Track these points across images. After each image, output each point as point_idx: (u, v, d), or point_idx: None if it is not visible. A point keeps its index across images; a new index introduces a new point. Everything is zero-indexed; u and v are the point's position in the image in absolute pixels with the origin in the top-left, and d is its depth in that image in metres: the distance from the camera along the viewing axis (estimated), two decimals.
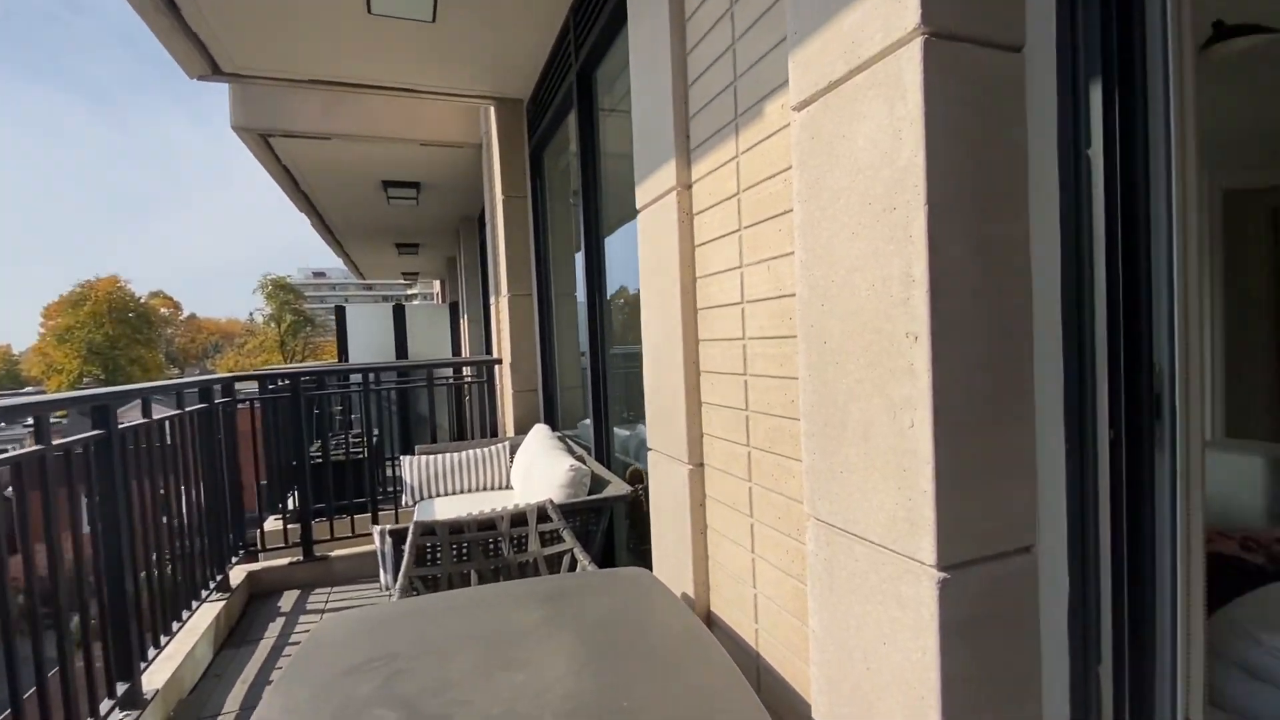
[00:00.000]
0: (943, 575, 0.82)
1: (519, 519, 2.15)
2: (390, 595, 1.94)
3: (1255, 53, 2.86)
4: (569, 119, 3.15)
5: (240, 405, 3.52)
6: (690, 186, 1.52)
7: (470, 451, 3.59)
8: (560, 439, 3.36)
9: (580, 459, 3.06)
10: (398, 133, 4.87)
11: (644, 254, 1.74)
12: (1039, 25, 0.86)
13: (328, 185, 6.10)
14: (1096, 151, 0.82)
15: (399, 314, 7.40)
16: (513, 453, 3.56)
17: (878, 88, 0.87)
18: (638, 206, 1.75)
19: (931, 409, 0.81)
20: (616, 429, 3.06)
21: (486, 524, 2.13)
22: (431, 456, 3.60)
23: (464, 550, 2.11)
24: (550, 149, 3.89)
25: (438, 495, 3.52)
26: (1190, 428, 0.87)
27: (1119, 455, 0.83)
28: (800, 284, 1.05)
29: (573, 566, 2.03)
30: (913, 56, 0.81)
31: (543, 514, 2.15)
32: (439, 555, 2.05)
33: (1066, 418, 0.86)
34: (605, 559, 2.86)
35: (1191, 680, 0.87)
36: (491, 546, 2.15)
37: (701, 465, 1.54)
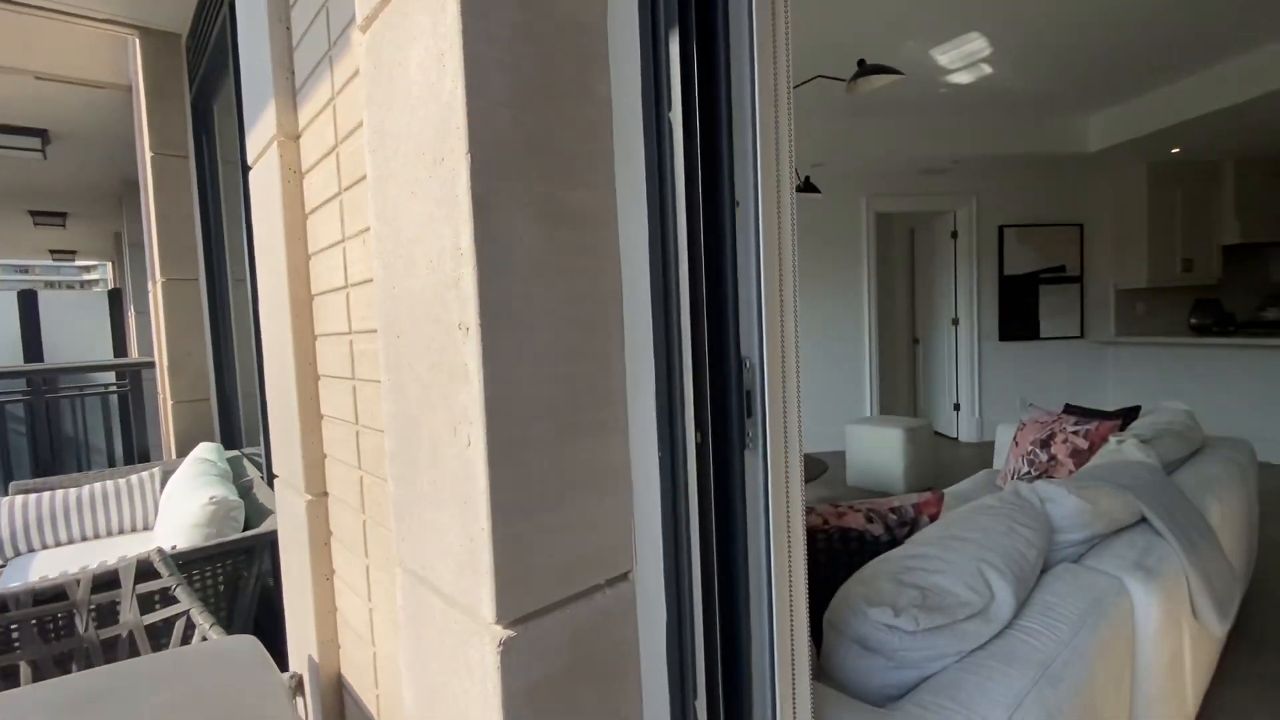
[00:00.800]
0: (507, 634, 0.64)
1: (108, 580, 1.58)
2: None
3: (886, 94, 3.43)
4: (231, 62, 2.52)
5: None
6: (298, 138, 1.18)
7: (97, 485, 2.72)
8: (229, 461, 2.71)
9: (249, 485, 2.48)
10: None
11: (256, 225, 1.35)
12: None
13: None
14: (676, 115, 0.71)
15: (28, 302, 5.50)
16: (165, 480, 2.79)
17: None
18: (248, 163, 1.35)
19: (485, 422, 0.62)
20: None
21: (52, 594, 1.52)
22: (35, 495, 2.65)
23: (12, 637, 1.47)
24: (222, 99, 3.13)
25: (43, 547, 2.60)
26: (789, 424, 0.82)
27: (706, 459, 0.74)
28: (375, 261, 0.81)
29: (189, 634, 1.55)
30: None
31: (147, 569, 1.61)
32: None
33: (659, 420, 0.74)
34: (273, 609, 2.34)
35: (798, 694, 0.83)
36: (66, 623, 1.54)
37: (325, 495, 1.22)
